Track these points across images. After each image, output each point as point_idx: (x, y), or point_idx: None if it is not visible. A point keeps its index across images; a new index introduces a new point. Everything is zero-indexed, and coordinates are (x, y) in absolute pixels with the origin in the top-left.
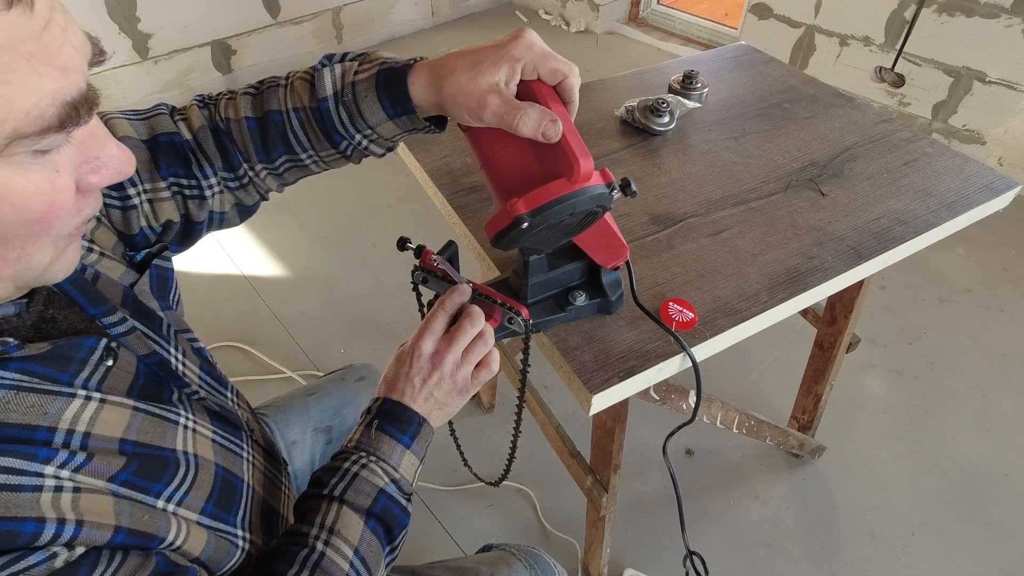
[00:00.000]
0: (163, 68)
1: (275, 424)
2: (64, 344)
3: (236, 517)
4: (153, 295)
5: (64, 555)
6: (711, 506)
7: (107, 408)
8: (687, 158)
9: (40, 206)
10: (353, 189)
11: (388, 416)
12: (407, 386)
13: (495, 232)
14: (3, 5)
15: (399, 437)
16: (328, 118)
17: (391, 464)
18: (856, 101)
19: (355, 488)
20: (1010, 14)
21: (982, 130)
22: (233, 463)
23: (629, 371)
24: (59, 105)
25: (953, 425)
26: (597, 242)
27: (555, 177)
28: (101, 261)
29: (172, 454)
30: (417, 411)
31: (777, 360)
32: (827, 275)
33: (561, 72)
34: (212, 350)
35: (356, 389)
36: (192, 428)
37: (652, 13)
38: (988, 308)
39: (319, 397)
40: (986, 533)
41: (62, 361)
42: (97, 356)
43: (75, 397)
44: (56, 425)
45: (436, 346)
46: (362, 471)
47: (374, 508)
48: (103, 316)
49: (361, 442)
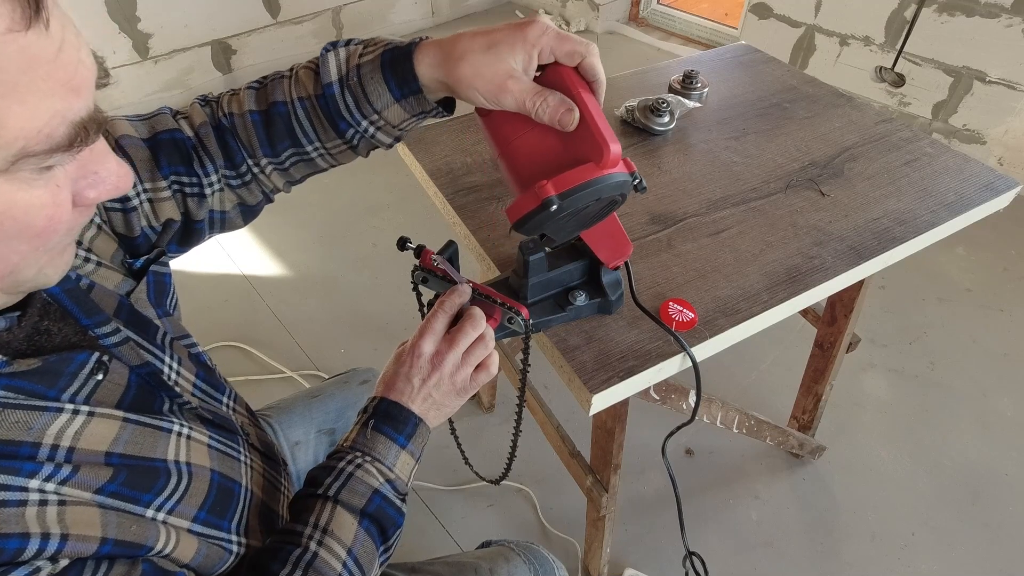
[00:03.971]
0: (163, 68)
1: (279, 425)
2: (56, 360)
3: (231, 523)
4: (150, 302)
5: (48, 568)
6: (711, 506)
7: (95, 421)
8: (687, 158)
9: (41, 220)
10: (353, 189)
11: (384, 416)
12: (406, 386)
13: (519, 216)
14: (21, 26)
15: (395, 437)
16: (334, 104)
17: (386, 464)
18: (856, 101)
19: (349, 488)
20: (1010, 14)
21: (982, 130)
22: (231, 468)
23: (629, 371)
24: (69, 125)
25: (953, 425)
26: (604, 237)
27: (581, 162)
28: (98, 271)
29: (163, 464)
30: (414, 411)
31: (777, 360)
32: (827, 275)
33: (579, 53)
34: (212, 350)
35: (359, 392)
36: (187, 436)
37: (652, 13)
38: (988, 308)
39: (322, 400)
40: (986, 533)
41: (51, 376)
42: (88, 370)
43: (62, 412)
44: (40, 440)
45: (436, 347)
46: (357, 471)
47: (368, 508)
48: (96, 327)
49: (357, 442)
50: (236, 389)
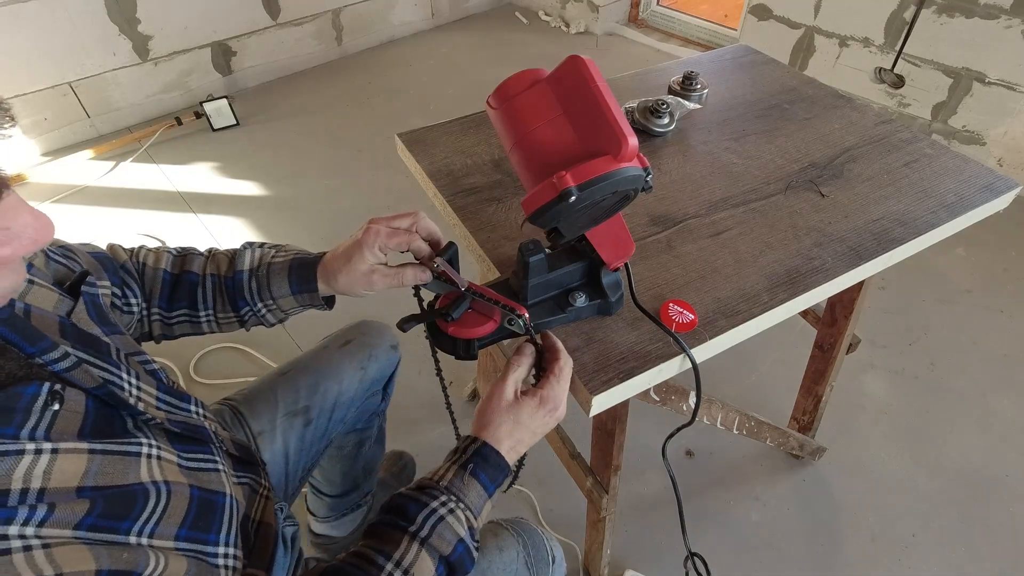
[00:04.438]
0: (163, 69)
1: (246, 414)
2: (4, 397)
3: (219, 535)
4: (93, 320)
5: None
6: (711, 507)
7: (61, 458)
8: (687, 159)
9: None
10: (353, 190)
11: (483, 461)
12: (524, 434)
13: (536, 208)
14: None
15: (488, 486)
16: (239, 286)
17: (474, 512)
18: (856, 102)
19: (438, 534)
20: (1010, 15)
21: (982, 131)
22: (209, 480)
23: (629, 372)
24: None
25: (953, 426)
26: (608, 237)
27: (597, 154)
28: (32, 290)
29: (139, 487)
30: (509, 463)
31: (777, 361)
32: (827, 276)
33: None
34: (211, 351)
35: (339, 358)
36: (156, 456)
37: (652, 14)
38: (988, 309)
39: (290, 378)
40: (986, 534)
41: (5, 415)
42: (41, 403)
43: (24, 453)
44: (8, 486)
45: (559, 394)
46: (448, 516)
47: (451, 557)
48: (42, 354)
49: (453, 484)
50: (236, 391)
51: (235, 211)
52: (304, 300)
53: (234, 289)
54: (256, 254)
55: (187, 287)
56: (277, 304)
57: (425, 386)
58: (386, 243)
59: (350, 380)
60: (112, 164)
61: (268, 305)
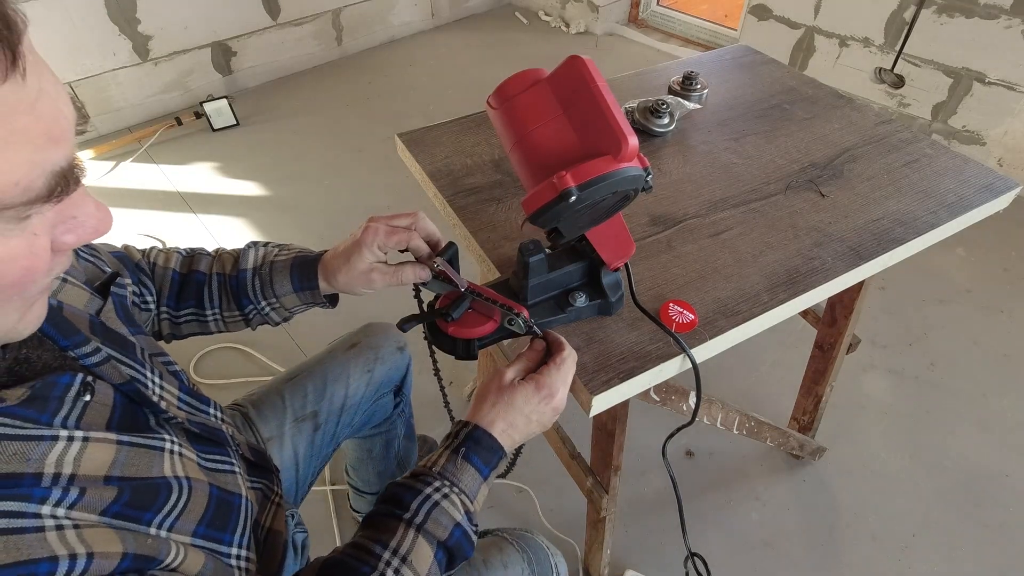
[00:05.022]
0: (163, 69)
1: (255, 420)
2: (41, 385)
3: (233, 535)
4: (120, 320)
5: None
6: (712, 507)
7: (91, 446)
8: (687, 159)
9: (17, 271)
10: (353, 190)
11: (476, 444)
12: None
13: (536, 208)
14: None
15: (481, 469)
16: (243, 285)
17: (470, 496)
18: (856, 102)
19: (434, 519)
20: (1010, 15)
21: (982, 131)
22: (226, 481)
23: (629, 372)
24: (48, 175)
25: (953, 426)
26: (609, 237)
27: (597, 155)
28: (64, 289)
29: (163, 480)
30: (503, 445)
31: (777, 361)
32: (827, 276)
33: (406, 234)
34: (212, 352)
35: (344, 360)
36: (178, 452)
37: (652, 14)
38: (988, 309)
39: (296, 383)
40: (987, 534)
41: (40, 402)
42: (74, 392)
43: (58, 439)
44: (41, 470)
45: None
46: (443, 501)
47: (448, 542)
48: (75, 347)
49: (446, 469)
50: (237, 391)
51: (235, 211)
52: (306, 298)
53: (238, 287)
54: (260, 253)
55: (194, 286)
56: (280, 302)
57: (425, 386)
58: (385, 241)
59: (357, 383)
60: (112, 164)
61: (271, 303)
